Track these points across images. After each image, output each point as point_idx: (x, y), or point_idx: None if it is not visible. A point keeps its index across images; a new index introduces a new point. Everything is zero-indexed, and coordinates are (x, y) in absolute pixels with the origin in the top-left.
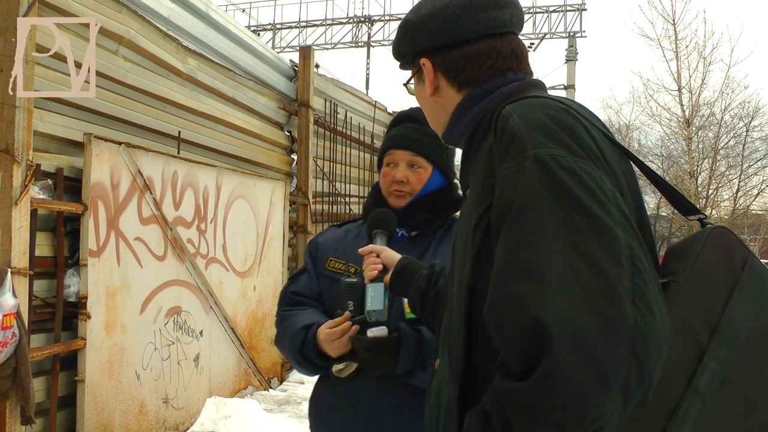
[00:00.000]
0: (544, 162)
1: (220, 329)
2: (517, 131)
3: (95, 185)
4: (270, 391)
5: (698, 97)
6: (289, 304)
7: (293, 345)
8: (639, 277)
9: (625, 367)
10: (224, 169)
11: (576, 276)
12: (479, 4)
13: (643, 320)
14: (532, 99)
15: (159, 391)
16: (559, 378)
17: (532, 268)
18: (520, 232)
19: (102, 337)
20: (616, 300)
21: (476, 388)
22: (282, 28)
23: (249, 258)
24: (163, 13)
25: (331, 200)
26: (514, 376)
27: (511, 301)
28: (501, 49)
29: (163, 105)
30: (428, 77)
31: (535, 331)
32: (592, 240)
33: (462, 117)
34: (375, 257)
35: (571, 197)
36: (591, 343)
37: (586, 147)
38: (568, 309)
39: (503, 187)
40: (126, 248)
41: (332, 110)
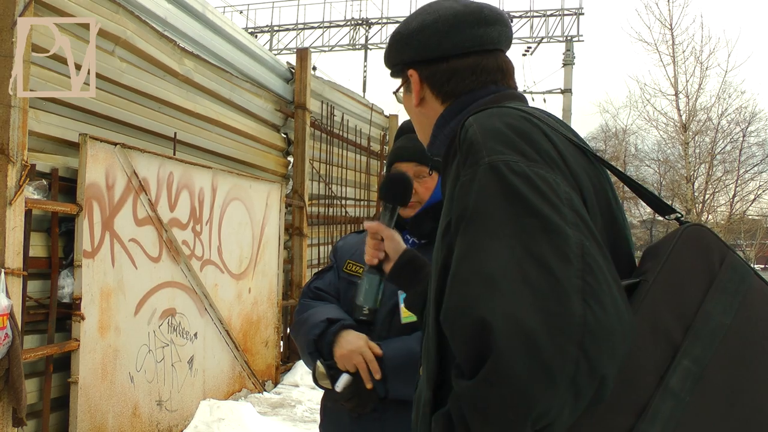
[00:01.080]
0: (497, 168)
1: (214, 331)
2: (474, 140)
3: (90, 186)
4: (264, 393)
5: (695, 101)
6: (311, 298)
7: (310, 333)
8: (590, 275)
9: (573, 364)
10: (220, 171)
11: (524, 276)
12: (467, 21)
13: (594, 317)
14: (494, 108)
15: (153, 394)
16: (502, 375)
17: (481, 270)
18: (472, 236)
19: (96, 339)
20: (563, 297)
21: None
22: (279, 30)
23: (244, 260)
24: (160, 14)
25: (328, 203)
26: (465, 375)
27: (460, 303)
28: (486, 66)
29: (159, 106)
30: (414, 88)
31: (480, 331)
32: (541, 240)
33: (443, 128)
34: (379, 241)
35: (522, 200)
36: (536, 340)
37: (542, 152)
38: (513, 308)
39: (459, 195)
40: (121, 249)
41: (329, 113)
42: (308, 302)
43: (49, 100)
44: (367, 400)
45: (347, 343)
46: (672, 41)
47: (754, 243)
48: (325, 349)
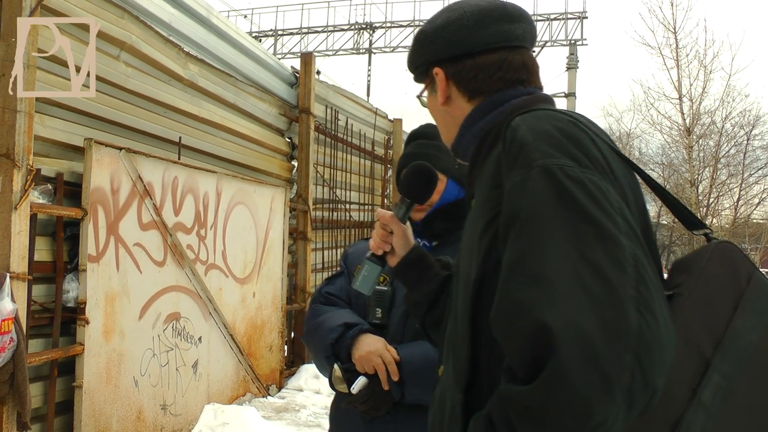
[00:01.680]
0: (552, 172)
1: (219, 336)
2: (525, 142)
3: (95, 190)
4: (268, 398)
5: (699, 105)
6: (323, 303)
7: (327, 337)
8: (643, 286)
9: (629, 373)
10: (224, 175)
11: (581, 283)
12: (492, 16)
13: (648, 327)
14: (541, 111)
15: (157, 398)
16: (563, 382)
17: (539, 274)
18: (527, 239)
19: (100, 343)
20: (620, 306)
21: (481, 394)
22: (283, 34)
23: (248, 264)
24: (165, 18)
25: (332, 207)
26: (519, 379)
27: (517, 306)
28: (512, 61)
29: (164, 110)
30: (440, 86)
31: (540, 336)
32: (597, 248)
33: (470, 128)
34: (389, 233)
35: (578, 206)
36: (596, 348)
37: (593, 158)
38: (573, 314)
39: (510, 195)
40: (125, 254)
41: (333, 117)
42: (320, 307)
43: (55, 104)
44: (382, 402)
45: (366, 345)
46: (676, 45)
47: (759, 247)
48: (343, 352)
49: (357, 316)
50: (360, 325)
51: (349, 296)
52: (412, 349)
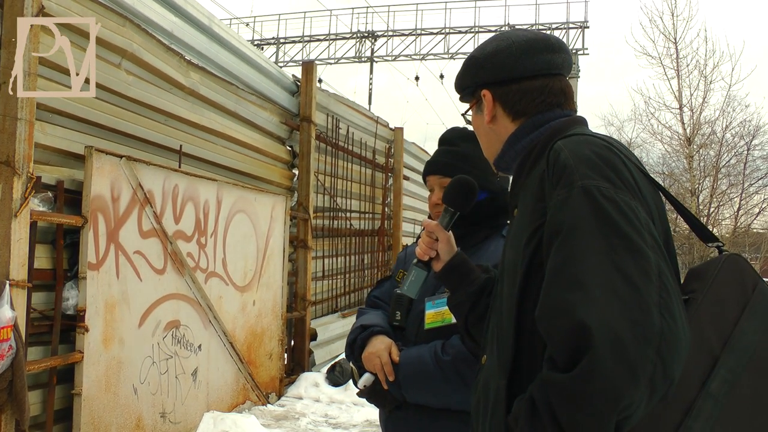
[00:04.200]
0: (590, 192)
1: (218, 343)
2: (567, 164)
3: (95, 198)
4: (268, 406)
5: (699, 115)
6: (369, 306)
7: (349, 338)
8: (665, 292)
9: (651, 366)
10: (225, 183)
11: (614, 288)
12: (537, 47)
13: (668, 328)
14: (580, 136)
15: (156, 406)
16: (597, 371)
17: (578, 280)
18: (568, 249)
19: (99, 351)
20: (646, 310)
21: (522, 380)
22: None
23: (249, 272)
24: (166, 26)
25: (332, 215)
26: (559, 368)
27: (560, 305)
28: (552, 87)
29: (164, 118)
30: (487, 107)
31: (579, 332)
32: (627, 259)
33: (514, 145)
34: (434, 240)
35: (611, 222)
36: (625, 344)
37: (625, 180)
38: (607, 315)
39: (555, 211)
40: (125, 261)
41: (334, 125)
42: (364, 310)
43: (55, 112)
44: (384, 399)
45: (371, 346)
46: (676, 55)
47: (759, 256)
48: (356, 352)
49: (384, 318)
50: (373, 327)
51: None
52: (411, 353)
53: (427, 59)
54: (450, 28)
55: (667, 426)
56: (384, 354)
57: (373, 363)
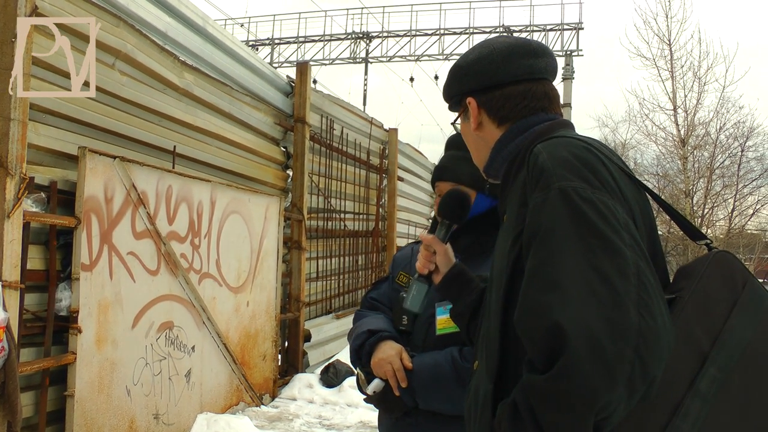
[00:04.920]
0: (567, 193)
1: (212, 345)
2: (545, 167)
3: (89, 199)
4: (262, 407)
5: (693, 116)
6: (366, 307)
7: (355, 343)
8: (644, 291)
9: (629, 365)
10: (219, 184)
11: (590, 288)
12: (518, 52)
13: (647, 326)
14: (560, 138)
15: (149, 407)
16: (573, 371)
17: (554, 281)
18: (545, 250)
19: (93, 352)
20: (623, 309)
21: (508, 385)
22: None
23: (243, 273)
24: (160, 27)
25: (326, 216)
26: (537, 370)
27: (536, 307)
28: (535, 92)
29: (158, 119)
30: (473, 114)
31: (554, 333)
32: (604, 259)
33: (500, 151)
34: (432, 253)
35: (588, 222)
36: (601, 343)
37: (603, 180)
38: (583, 314)
39: (533, 213)
40: (119, 262)
41: (328, 126)
42: (362, 312)
43: (48, 112)
44: (394, 406)
45: (381, 352)
46: (670, 56)
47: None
48: (364, 357)
49: (389, 322)
50: (381, 332)
51: (391, 300)
52: (426, 360)
53: (421, 60)
54: (445, 29)
55: (654, 426)
56: (396, 360)
57: (384, 369)
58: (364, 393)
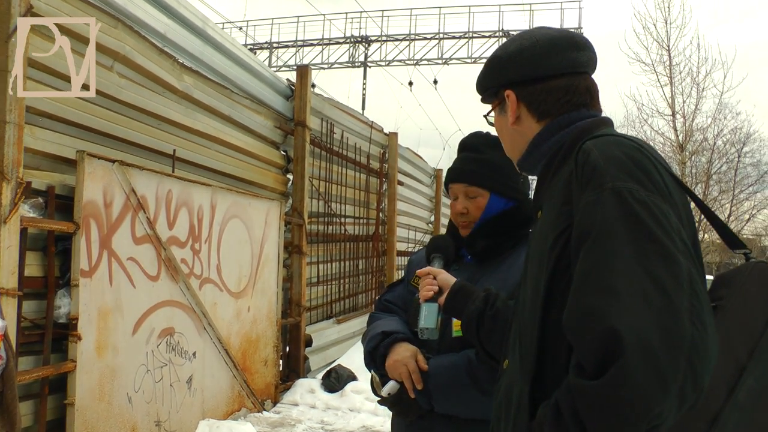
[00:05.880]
0: (621, 194)
1: (213, 350)
2: (597, 165)
3: (87, 204)
4: (264, 413)
5: (692, 122)
6: (380, 310)
7: (369, 345)
8: (696, 299)
9: (682, 375)
10: (219, 189)
11: (645, 294)
12: (561, 45)
13: (699, 336)
14: (610, 137)
15: (151, 414)
16: (627, 380)
17: (608, 285)
18: (598, 253)
19: (93, 359)
20: (677, 317)
21: (545, 385)
22: (279, 47)
23: (243, 278)
24: (159, 29)
25: (327, 221)
26: (587, 375)
27: (590, 311)
28: (578, 86)
29: (158, 122)
30: (511, 107)
31: (609, 338)
32: (658, 265)
33: (539, 146)
34: (432, 279)
35: (643, 226)
36: (656, 353)
37: (656, 182)
38: (638, 322)
39: (584, 213)
40: (119, 268)
41: (329, 130)
42: (376, 315)
43: (46, 115)
44: (409, 408)
45: (396, 354)
46: (669, 62)
47: None
48: (378, 360)
49: (403, 324)
50: (396, 334)
51: (405, 302)
52: (442, 362)
53: (420, 64)
54: (444, 34)
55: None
56: (411, 362)
57: (399, 371)
58: (378, 395)
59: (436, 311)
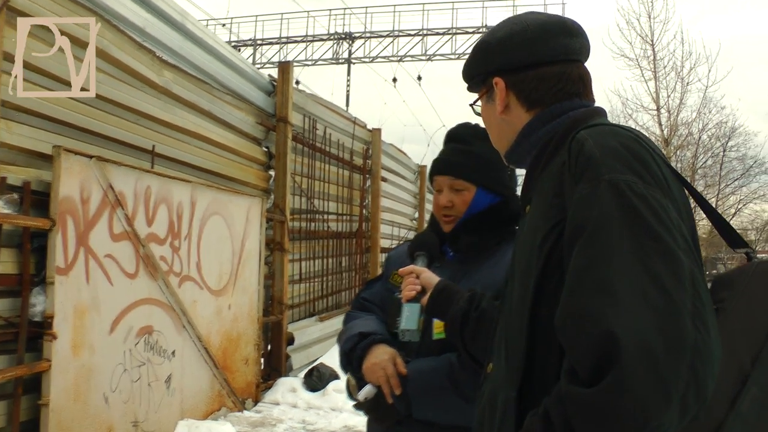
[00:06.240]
0: (619, 186)
1: (193, 349)
2: (592, 155)
3: (64, 200)
4: (244, 412)
5: (677, 116)
6: (357, 308)
7: (345, 346)
8: (699, 300)
9: (684, 383)
10: (199, 185)
11: (645, 295)
12: (554, 30)
13: (702, 340)
14: (605, 126)
15: (128, 415)
16: (626, 387)
17: (605, 284)
18: (594, 250)
19: (68, 359)
20: (679, 320)
21: (533, 392)
22: (263, 44)
23: (224, 276)
24: (138, 23)
25: (309, 217)
26: (582, 382)
27: (585, 313)
28: (570, 74)
29: (136, 118)
30: (500, 96)
31: (606, 341)
32: (659, 262)
33: (529, 137)
34: (414, 278)
35: (642, 221)
36: (657, 358)
37: (654, 175)
38: (637, 325)
39: (579, 206)
40: (96, 266)
41: (311, 126)
42: (353, 313)
43: (22, 110)
44: (386, 414)
45: (373, 357)
46: (653, 57)
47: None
48: (355, 362)
49: (381, 324)
50: (374, 335)
51: (384, 301)
52: (422, 366)
53: (404, 61)
54: (428, 30)
55: None
56: (389, 365)
57: (377, 375)
58: (354, 399)
59: (418, 312)
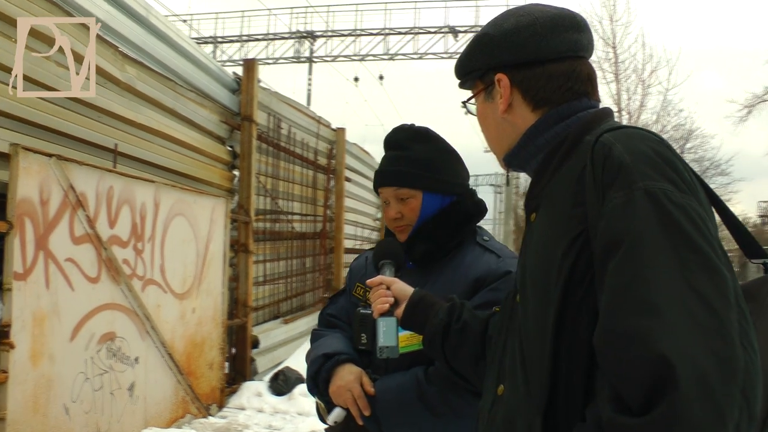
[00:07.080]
0: (655, 195)
1: (156, 355)
2: (624, 162)
3: (22, 201)
4: (209, 418)
5: (637, 118)
6: (324, 325)
7: (310, 369)
8: (744, 319)
9: (738, 409)
10: (163, 185)
11: (691, 313)
12: (564, 25)
13: (751, 362)
14: (629, 129)
15: (90, 425)
16: (682, 416)
17: (649, 303)
18: (635, 265)
19: (27, 369)
20: (729, 340)
21: (557, 417)
22: (223, 41)
23: (188, 279)
24: (100, 16)
25: (274, 218)
26: (631, 410)
27: (631, 335)
28: (579, 72)
29: (98, 115)
30: (504, 93)
31: (659, 367)
32: (703, 278)
33: (535, 139)
34: (385, 289)
35: (682, 232)
36: (711, 384)
37: (688, 182)
38: (690, 348)
39: (612, 217)
40: (56, 270)
41: (276, 125)
42: (319, 332)
43: None
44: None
45: (339, 378)
46: (615, 59)
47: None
48: (321, 385)
49: (345, 342)
50: (338, 355)
51: (349, 315)
52: (389, 384)
53: (366, 60)
54: (390, 29)
55: None
56: (356, 386)
57: (344, 397)
58: (325, 423)
59: (394, 326)
